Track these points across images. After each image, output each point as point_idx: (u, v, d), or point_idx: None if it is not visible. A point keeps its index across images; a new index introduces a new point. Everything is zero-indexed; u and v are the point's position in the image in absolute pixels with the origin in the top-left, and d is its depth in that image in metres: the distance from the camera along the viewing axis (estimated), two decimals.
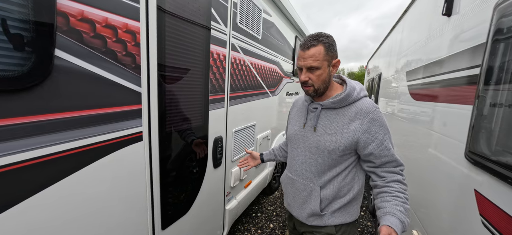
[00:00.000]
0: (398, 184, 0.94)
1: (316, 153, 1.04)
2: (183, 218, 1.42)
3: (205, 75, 1.45)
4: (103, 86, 0.85)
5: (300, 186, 1.11)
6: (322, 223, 1.07)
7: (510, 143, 0.80)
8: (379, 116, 0.96)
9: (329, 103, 1.01)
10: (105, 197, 0.94)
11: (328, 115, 1.03)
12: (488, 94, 0.92)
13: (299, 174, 1.11)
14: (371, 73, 5.91)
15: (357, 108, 0.98)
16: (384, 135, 0.94)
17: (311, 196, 1.07)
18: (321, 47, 0.94)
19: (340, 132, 0.98)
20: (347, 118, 0.98)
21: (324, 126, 1.03)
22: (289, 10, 2.84)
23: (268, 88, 2.60)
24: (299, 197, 1.12)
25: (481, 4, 1.08)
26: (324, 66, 0.96)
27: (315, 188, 1.06)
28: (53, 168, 0.74)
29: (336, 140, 0.98)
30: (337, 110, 1.01)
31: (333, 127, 1.00)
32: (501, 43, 0.87)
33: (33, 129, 0.68)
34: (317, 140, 1.03)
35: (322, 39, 0.95)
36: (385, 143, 0.94)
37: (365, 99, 1.01)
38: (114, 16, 0.86)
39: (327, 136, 1.00)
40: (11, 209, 0.66)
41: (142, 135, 1.05)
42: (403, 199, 0.89)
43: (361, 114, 0.96)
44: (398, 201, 0.89)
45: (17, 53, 0.63)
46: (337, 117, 1.01)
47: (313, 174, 1.06)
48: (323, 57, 0.95)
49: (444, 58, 1.40)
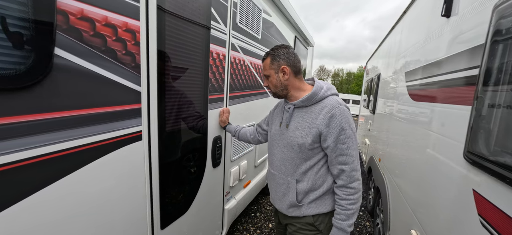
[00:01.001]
0: (340, 190, 1.08)
1: (290, 148, 1.15)
2: (182, 218, 1.42)
3: (205, 75, 1.45)
4: (103, 85, 0.85)
5: (279, 180, 1.21)
6: (301, 214, 1.17)
7: (508, 144, 0.80)
8: (342, 112, 1.05)
9: (299, 103, 1.13)
10: (104, 197, 0.93)
11: (299, 113, 1.14)
12: (487, 95, 0.92)
13: (278, 169, 1.21)
14: (370, 74, 5.93)
15: (322, 105, 1.09)
16: (341, 131, 1.03)
17: (289, 188, 1.17)
18: (268, 59, 1.16)
19: (308, 127, 1.09)
20: (315, 114, 1.09)
21: (295, 123, 1.14)
22: (289, 10, 2.85)
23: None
24: (279, 190, 1.22)
25: (480, 5, 1.08)
26: (272, 74, 1.15)
27: (292, 181, 1.16)
28: (51, 167, 0.74)
29: (304, 135, 1.09)
30: (307, 108, 1.12)
31: (303, 123, 1.11)
32: (500, 44, 0.87)
33: (32, 128, 0.68)
34: (290, 136, 1.14)
35: (270, 52, 1.16)
36: (341, 137, 1.03)
37: (332, 97, 1.11)
38: (114, 15, 0.86)
39: (297, 132, 1.12)
40: (9, 209, 0.66)
41: (142, 135, 1.05)
42: (343, 207, 1.06)
43: (325, 110, 1.06)
44: (338, 209, 1.08)
45: (17, 51, 0.63)
46: (307, 114, 1.11)
47: (289, 169, 1.17)
48: (269, 67, 1.16)
49: (443, 59, 1.41)
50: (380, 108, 3.72)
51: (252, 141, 1.57)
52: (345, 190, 1.07)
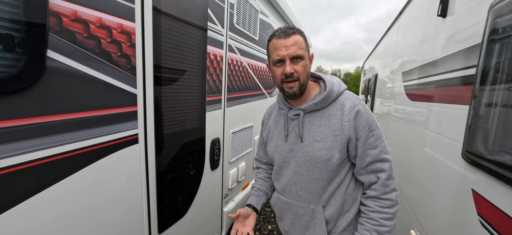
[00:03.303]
0: (373, 201, 0.85)
1: (310, 167, 0.88)
2: (180, 221, 1.40)
3: (202, 76, 1.44)
4: (98, 88, 0.84)
5: (299, 210, 0.94)
6: None
7: (506, 142, 0.80)
8: (365, 108, 0.86)
9: (311, 106, 0.87)
10: (100, 201, 0.91)
11: (312, 119, 0.88)
12: (484, 94, 0.92)
13: (295, 196, 0.94)
14: (367, 74, 5.96)
15: (340, 104, 0.86)
16: (370, 133, 0.84)
17: (314, 219, 0.91)
18: (300, 36, 0.85)
19: (332, 135, 0.84)
20: (334, 117, 0.85)
21: (312, 133, 0.88)
22: (286, 11, 2.85)
23: (265, 89, 2.60)
24: (300, 223, 0.95)
25: (476, 5, 1.09)
26: (307, 57, 0.85)
27: (318, 209, 0.90)
28: (45, 173, 0.72)
29: (329, 147, 0.84)
30: (321, 112, 0.88)
31: (323, 132, 0.86)
32: (497, 43, 0.88)
33: (24, 132, 0.66)
34: (307, 151, 0.88)
35: (298, 29, 0.86)
36: (370, 140, 0.84)
37: (346, 92, 0.91)
38: (109, 17, 0.84)
39: (317, 144, 0.86)
40: (2, 214, 0.64)
41: (138, 138, 1.03)
42: (376, 221, 0.82)
43: (346, 108, 0.85)
44: (368, 224, 0.84)
45: (8, 54, 0.61)
46: (323, 119, 0.87)
47: (312, 194, 0.90)
48: (305, 47, 0.85)
49: (440, 58, 1.41)
50: (378, 108, 3.73)
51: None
52: (379, 202, 0.84)
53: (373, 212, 0.84)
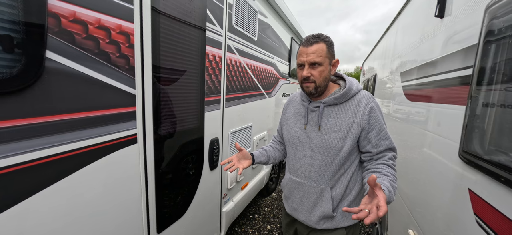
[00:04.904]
0: (387, 167, 0.98)
1: (325, 152, 1.03)
2: (179, 221, 1.40)
3: (201, 77, 1.44)
4: (96, 88, 0.84)
5: (309, 189, 1.08)
6: (333, 226, 1.06)
7: (502, 142, 0.81)
8: (378, 106, 1.01)
9: (331, 99, 1.02)
10: (99, 201, 0.92)
11: (330, 112, 1.03)
12: (481, 94, 0.93)
13: (307, 177, 1.08)
14: (366, 74, 5.98)
15: (357, 100, 1.01)
16: (381, 128, 0.99)
17: (322, 198, 1.05)
18: (323, 45, 0.98)
19: (347, 127, 0.99)
20: (350, 112, 1.00)
21: (330, 123, 1.02)
22: (285, 12, 2.85)
23: (264, 89, 2.61)
24: (308, 200, 1.09)
25: (472, 6, 1.10)
26: (326, 63, 0.99)
27: (326, 189, 1.04)
28: (44, 173, 0.72)
29: (343, 137, 0.99)
30: (339, 106, 1.03)
31: (339, 123, 1.01)
32: (493, 44, 0.88)
33: (24, 132, 0.66)
34: (324, 139, 1.02)
35: (324, 38, 1.00)
36: (382, 133, 0.99)
37: (362, 91, 1.05)
38: (107, 17, 0.85)
39: (333, 133, 1.01)
40: (2, 214, 0.64)
41: (137, 138, 1.04)
42: (392, 178, 0.93)
43: (362, 104, 0.99)
44: (386, 178, 0.92)
45: (7, 54, 0.61)
46: (340, 113, 1.01)
47: (323, 176, 1.05)
48: (325, 54, 0.98)
49: (438, 59, 1.42)
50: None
51: (284, 157, 1.33)
52: (393, 165, 0.99)
53: (389, 167, 0.97)
